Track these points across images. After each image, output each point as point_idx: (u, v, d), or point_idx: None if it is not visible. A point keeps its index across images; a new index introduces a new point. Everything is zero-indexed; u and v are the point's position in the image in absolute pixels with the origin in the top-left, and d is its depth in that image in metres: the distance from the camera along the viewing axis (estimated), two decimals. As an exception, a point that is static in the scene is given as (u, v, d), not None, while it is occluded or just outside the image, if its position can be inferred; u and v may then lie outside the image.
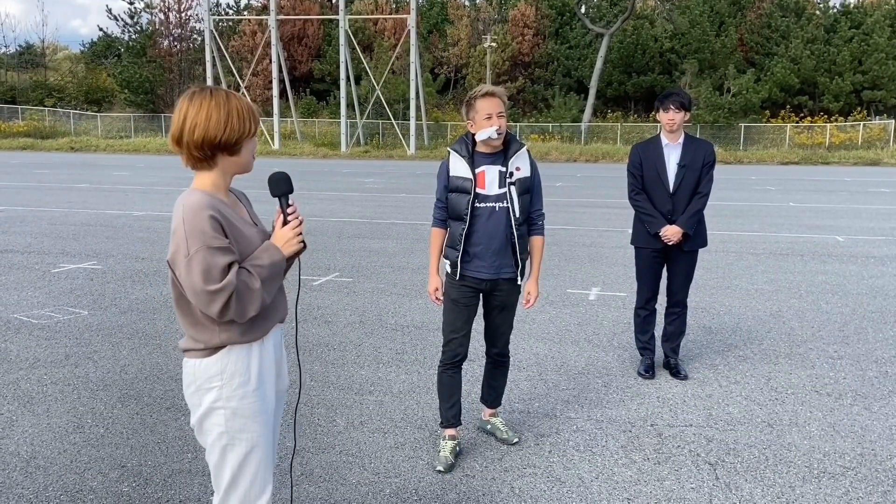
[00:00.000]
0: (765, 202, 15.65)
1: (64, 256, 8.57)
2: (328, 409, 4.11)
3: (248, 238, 1.99)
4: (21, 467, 3.38)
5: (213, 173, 2.01)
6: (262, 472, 2.10)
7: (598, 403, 4.24)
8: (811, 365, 4.94)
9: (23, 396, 4.25)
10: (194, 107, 1.93)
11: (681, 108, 4.46)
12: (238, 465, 2.06)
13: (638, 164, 4.65)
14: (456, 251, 3.41)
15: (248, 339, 2.02)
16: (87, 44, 56.64)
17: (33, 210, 12.92)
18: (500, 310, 3.56)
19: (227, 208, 1.98)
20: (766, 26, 44.89)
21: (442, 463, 3.40)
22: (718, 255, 9.06)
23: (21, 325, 5.69)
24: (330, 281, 7.45)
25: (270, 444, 2.13)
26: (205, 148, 1.95)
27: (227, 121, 1.93)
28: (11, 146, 37.90)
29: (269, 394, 2.11)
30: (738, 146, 37.89)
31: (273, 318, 2.11)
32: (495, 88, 3.34)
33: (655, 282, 4.74)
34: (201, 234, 1.85)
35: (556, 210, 13.74)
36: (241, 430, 2.04)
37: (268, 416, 2.10)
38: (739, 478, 3.34)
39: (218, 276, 1.86)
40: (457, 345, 3.50)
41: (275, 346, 2.15)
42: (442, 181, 3.44)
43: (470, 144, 3.40)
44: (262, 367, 2.09)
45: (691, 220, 4.50)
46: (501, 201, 3.37)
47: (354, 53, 37.54)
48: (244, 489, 2.08)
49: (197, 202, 1.89)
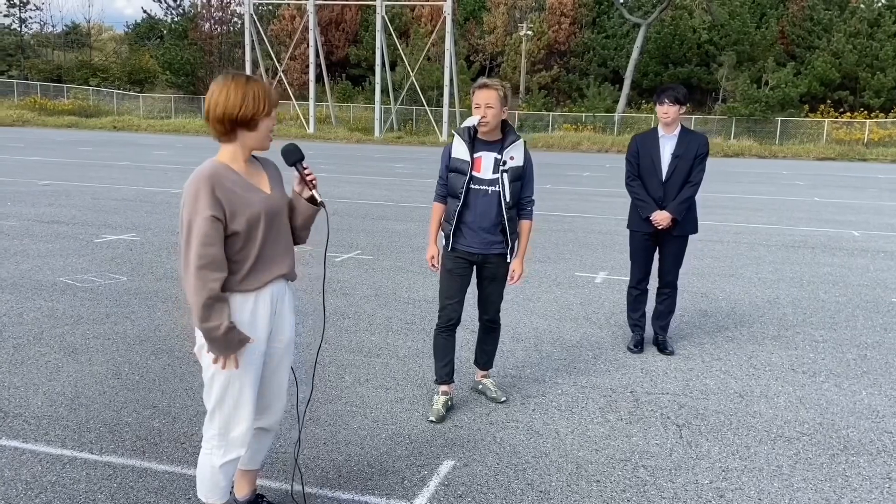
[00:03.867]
0: (790, 196, 15.71)
1: (106, 228, 9.15)
2: (338, 368, 4.54)
3: (246, 201, 2.39)
4: (66, 404, 3.87)
5: (233, 146, 2.43)
6: (244, 403, 2.50)
7: (584, 372, 4.60)
8: (794, 346, 5.24)
9: (68, 347, 4.76)
10: (218, 88, 2.37)
11: (675, 102, 4.79)
12: (221, 394, 2.48)
13: (635, 153, 4.99)
14: (450, 225, 3.80)
15: (244, 288, 2.43)
16: (130, 25, 58.00)
17: (77, 185, 13.61)
18: (490, 281, 3.94)
19: (234, 175, 2.40)
20: (808, 19, 44.17)
21: (434, 414, 3.81)
22: (729, 246, 9.30)
23: (66, 288, 6.23)
24: (351, 258, 7.89)
25: (252, 382, 2.51)
26: (225, 122, 2.37)
27: (244, 100, 2.34)
28: (57, 123, 39.13)
29: (258, 338, 2.49)
30: (773, 140, 37.49)
31: (269, 273, 2.49)
32: (492, 82, 3.67)
33: (647, 263, 5.07)
34: (194, 202, 2.30)
35: (577, 198, 14.02)
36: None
37: (252, 356, 2.48)
38: (702, 437, 3.69)
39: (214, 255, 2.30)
40: (451, 310, 3.89)
41: (273, 299, 2.54)
42: (444, 161, 3.83)
43: (472, 131, 3.77)
44: (255, 315, 2.48)
45: (680, 207, 4.82)
46: (494, 185, 3.74)
47: (390, 39, 37.93)
48: (226, 414, 2.50)
49: (197, 175, 2.34)
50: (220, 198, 2.32)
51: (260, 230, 2.42)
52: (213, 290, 2.30)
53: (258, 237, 2.43)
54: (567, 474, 3.29)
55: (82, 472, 3.16)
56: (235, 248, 2.40)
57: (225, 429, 2.51)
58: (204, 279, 2.29)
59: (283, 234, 2.54)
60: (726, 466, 3.40)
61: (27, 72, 48.14)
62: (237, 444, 2.53)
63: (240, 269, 2.42)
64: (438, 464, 3.35)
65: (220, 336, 2.34)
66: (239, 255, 2.41)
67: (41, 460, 3.25)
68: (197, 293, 2.30)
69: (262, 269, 2.47)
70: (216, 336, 2.34)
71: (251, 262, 2.43)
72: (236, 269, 2.41)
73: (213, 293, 2.30)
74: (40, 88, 45.63)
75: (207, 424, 2.54)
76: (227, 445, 2.52)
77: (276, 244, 2.50)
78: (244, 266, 2.42)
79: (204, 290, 2.29)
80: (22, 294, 5.97)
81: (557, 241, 9.38)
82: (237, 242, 2.39)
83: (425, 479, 3.21)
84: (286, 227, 2.57)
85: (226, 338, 2.35)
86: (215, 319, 2.32)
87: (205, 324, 2.32)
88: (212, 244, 2.30)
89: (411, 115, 41.14)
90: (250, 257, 2.43)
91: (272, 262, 2.50)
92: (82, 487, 3.04)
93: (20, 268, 6.87)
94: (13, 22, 50.02)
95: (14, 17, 49.89)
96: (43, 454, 3.31)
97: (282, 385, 2.71)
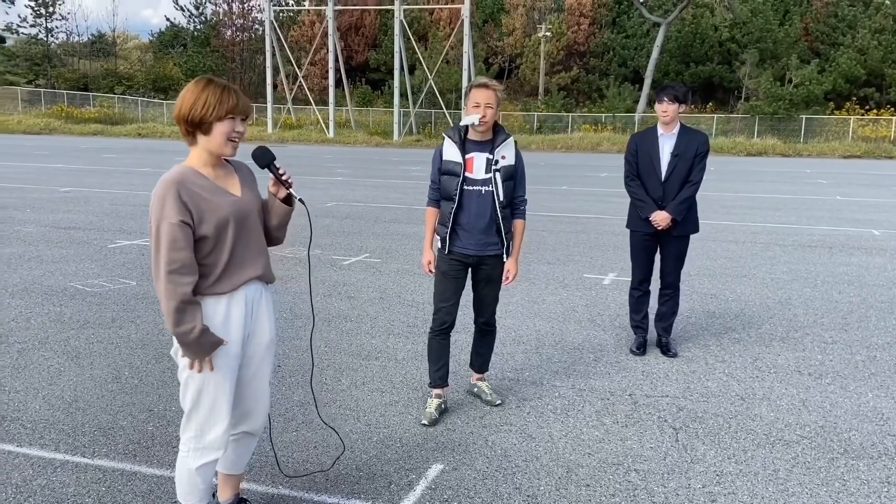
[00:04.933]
0: (811, 195, 15.46)
1: (121, 234, 9.27)
2: (336, 371, 4.54)
3: (213, 205, 2.39)
4: (63, 408, 3.91)
5: (197, 150, 2.44)
6: (219, 406, 2.50)
7: (584, 375, 4.55)
8: (802, 348, 5.13)
9: (71, 351, 4.81)
10: (183, 90, 2.40)
11: (674, 101, 4.73)
12: (195, 396, 2.48)
13: (634, 152, 4.93)
14: (445, 228, 3.77)
15: (216, 291, 2.43)
16: (155, 33, 58.84)
17: (97, 191, 13.81)
18: (486, 283, 3.91)
19: (201, 179, 2.40)
20: (832, 15, 43.53)
21: (427, 417, 3.79)
22: (744, 246, 9.16)
23: (76, 293, 6.31)
24: (359, 261, 7.90)
25: (227, 385, 2.50)
26: (181, 124, 2.40)
27: (194, 102, 2.35)
28: (83, 131, 39.80)
29: (232, 339, 2.49)
30: (798, 139, 36.95)
31: (242, 275, 2.48)
32: (491, 82, 3.66)
33: (648, 264, 5.01)
34: (160, 208, 2.30)
35: (592, 199, 13.93)
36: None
37: (224, 359, 2.47)
38: (698, 441, 3.63)
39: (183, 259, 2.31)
40: (445, 313, 3.86)
41: (248, 302, 2.53)
42: (436, 164, 3.81)
43: (462, 132, 3.75)
44: (228, 318, 2.48)
45: (680, 207, 4.75)
46: (487, 185, 3.72)
47: (409, 43, 38.05)
48: (202, 417, 2.51)
49: (163, 180, 2.34)
50: (186, 202, 2.33)
51: (229, 233, 2.42)
52: (184, 294, 2.31)
53: (228, 240, 2.42)
54: (557, 478, 3.24)
55: (72, 476, 3.18)
56: (205, 251, 2.40)
57: (200, 431, 2.51)
58: (174, 283, 2.30)
59: (254, 236, 2.54)
60: (721, 470, 3.33)
61: (54, 81, 49.06)
62: (213, 446, 2.53)
63: (211, 273, 2.42)
64: (427, 467, 3.33)
65: (193, 340, 2.34)
66: (209, 259, 2.41)
67: (33, 464, 3.28)
68: (168, 298, 2.30)
69: (234, 271, 2.47)
70: (189, 340, 2.34)
71: (222, 265, 2.43)
72: (207, 273, 2.42)
73: (184, 297, 2.31)
74: (67, 97, 46.49)
75: (184, 426, 2.55)
76: (203, 448, 2.52)
77: (247, 247, 2.50)
78: (215, 269, 2.42)
79: (175, 294, 2.30)
80: (31, 299, 6.05)
81: (568, 242, 9.31)
82: (206, 246, 2.39)
83: (412, 483, 3.19)
84: (258, 230, 2.56)
85: (199, 341, 2.35)
86: (188, 323, 2.32)
87: (177, 328, 2.32)
88: (180, 249, 2.30)
89: (430, 118, 41.21)
90: (221, 260, 2.43)
91: (244, 264, 2.50)
92: (70, 491, 3.06)
93: (32, 273, 6.98)
94: (40, 32, 50.97)
95: (41, 27, 50.84)
96: (35, 458, 3.34)
97: (263, 389, 2.71)
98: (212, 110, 2.35)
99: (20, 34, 51.20)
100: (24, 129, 39.77)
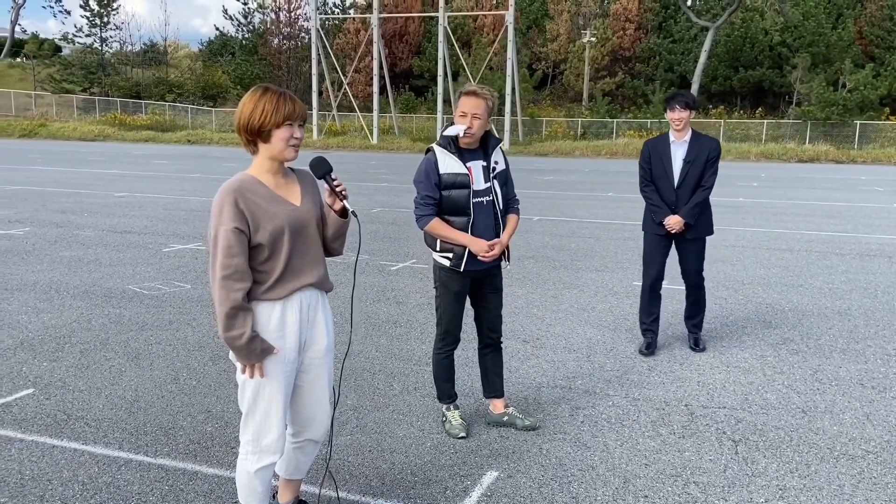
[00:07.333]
0: (867, 203, 15.01)
1: (174, 238, 9.49)
2: (388, 376, 4.57)
3: (271, 213, 2.41)
4: (126, 408, 4.01)
5: (259, 158, 2.49)
6: (273, 412, 2.52)
7: (638, 384, 4.49)
8: (864, 360, 4.98)
9: (131, 352, 4.94)
10: (242, 101, 2.45)
11: (686, 108, 4.83)
12: (251, 401, 2.52)
13: (647, 159, 5.06)
14: (463, 247, 3.53)
15: (270, 297, 2.46)
16: (204, 42, 60.18)
17: (150, 196, 14.17)
18: (493, 292, 3.77)
19: (260, 188, 2.44)
20: (887, 18, 42.23)
21: (461, 429, 3.68)
22: (800, 255, 8.94)
23: (134, 295, 6.48)
24: (407, 267, 7.94)
25: (282, 391, 2.52)
26: (242, 133, 2.44)
27: (252, 111, 2.39)
28: (136, 138, 40.89)
29: (288, 347, 2.51)
30: (852, 145, 35.92)
31: (296, 282, 2.50)
32: (482, 90, 3.43)
33: (661, 265, 5.11)
34: (219, 214, 2.35)
35: (639, 206, 13.72)
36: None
37: (280, 365, 2.50)
38: (759, 454, 3.54)
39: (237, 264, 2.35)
40: (455, 331, 3.75)
41: (303, 308, 2.54)
42: (432, 179, 3.48)
43: (454, 141, 3.49)
44: (283, 323, 2.50)
45: (692, 211, 4.87)
46: (488, 195, 3.57)
47: (453, 50, 38.17)
48: (258, 422, 2.53)
49: (223, 188, 2.39)
50: (243, 209, 2.37)
51: (285, 242, 2.45)
52: (235, 300, 2.35)
53: (283, 248, 2.45)
54: (613, 488, 3.20)
55: (136, 474, 3.26)
56: (261, 258, 2.43)
57: (257, 435, 2.55)
58: (227, 289, 2.34)
59: (311, 245, 2.55)
60: (784, 485, 3.25)
61: (108, 89, 50.50)
62: (270, 450, 2.56)
63: (266, 280, 2.45)
64: (482, 474, 3.32)
65: (242, 345, 2.38)
66: (265, 266, 2.45)
67: (98, 462, 3.38)
68: (221, 303, 2.35)
69: (289, 279, 2.49)
70: (238, 345, 2.38)
71: (278, 272, 2.46)
72: (262, 279, 2.45)
73: (235, 303, 2.35)
74: (120, 105, 47.85)
75: (242, 430, 2.59)
76: (261, 452, 2.56)
77: (303, 256, 2.52)
78: (270, 276, 2.45)
79: (227, 299, 2.34)
80: (92, 301, 6.24)
81: (616, 249, 9.21)
82: (262, 253, 2.43)
83: (468, 490, 3.18)
84: (316, 239, 2.58)
85: (248, 347, 2.38)
86: (238, 329, 2.36)
87: (227, 332, 2.36)
88: (235, 255, 2.34)
89: (474, 124, 41.12)
90: (277, 268, 2.45)
91: (300, 272, 2.52)
92: (135, 489, 3.14)
93: (92, 276, 7.19)
94: (95, 41, 52.57)
95: (95, 37, 52.43)
96: (101, 456, 3.43)
97: (323, 395, 2.72)
98: (269, 118, 2.39)
99: (76, 44, 52.89)
100: (80, 135, 41.03)
